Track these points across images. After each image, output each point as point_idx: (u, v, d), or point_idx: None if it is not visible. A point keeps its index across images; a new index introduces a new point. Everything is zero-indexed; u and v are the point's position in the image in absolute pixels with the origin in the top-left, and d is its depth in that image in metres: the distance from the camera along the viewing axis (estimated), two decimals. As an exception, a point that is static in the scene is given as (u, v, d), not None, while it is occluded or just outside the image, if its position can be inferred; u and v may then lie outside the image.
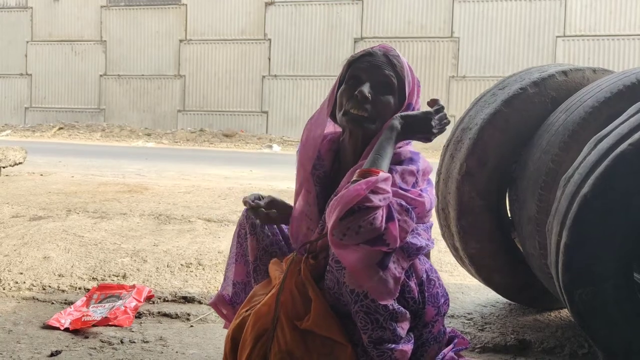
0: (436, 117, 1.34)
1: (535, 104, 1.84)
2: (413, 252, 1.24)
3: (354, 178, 1.20)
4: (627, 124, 1.40)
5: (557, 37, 13.56)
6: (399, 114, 1.32)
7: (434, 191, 1.34)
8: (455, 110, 13.90)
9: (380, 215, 1.14)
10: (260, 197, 1.48)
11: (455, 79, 14.25)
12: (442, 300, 1.35)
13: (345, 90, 1.35)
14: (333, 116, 1.43)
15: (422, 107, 1.42)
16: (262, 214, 1.43)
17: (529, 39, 13.69)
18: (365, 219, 1.13)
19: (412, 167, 1.28)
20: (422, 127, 1.32)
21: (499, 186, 1.91)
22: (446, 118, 1.36)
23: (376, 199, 1.15)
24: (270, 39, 15.41)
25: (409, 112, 1.33)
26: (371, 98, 1.31)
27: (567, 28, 13.49)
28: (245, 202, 1.45)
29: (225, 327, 1.60)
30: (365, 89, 1.31)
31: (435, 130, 1.33)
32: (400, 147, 1.34)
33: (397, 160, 1.30)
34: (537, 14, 13.61)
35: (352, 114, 1.32)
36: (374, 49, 1.37)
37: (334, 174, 1.43)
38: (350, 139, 1.39)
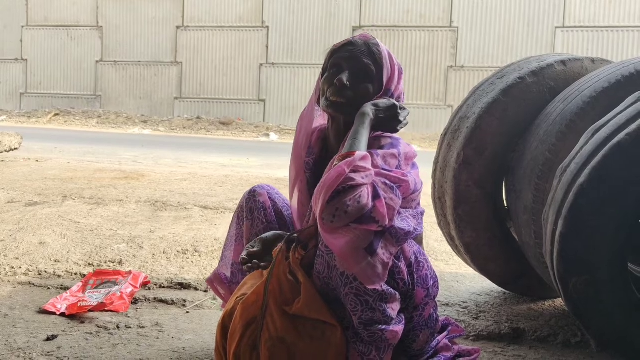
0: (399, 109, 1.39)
1: (534, 93, 1.84)
2: (401, 237, 1.25)
3: (334, 163, 1.24)
4: (624, 114, 1.40)
5: (557, 27, 13.52)
6: (370, 102, 1.37)
7: (419, 174, 1.36)
8: (453, 100, 13.89)
9: (366, 193, 1.18)
10: (252, 248, 1.38)
11: (453, 68, 14.21)
12: (431, 282, 1.36)
13: (327, 79, 1.41)
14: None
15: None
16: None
17: (528, 29, 13.64)
18: (352, 197, 1.16)
19: (394, 151, 1.32)
20: (390, 115, 1.37)
21: (496, 175, 1.91)
22: (407, 115, 1.42)
23: (358, 177, 1.19)
24: (268, 27, 15.31)
25: (378, 100, 1.38)
26: (350, 85, 1.37)
27: (567, 18, 13.45)
28: (250, 269, 1.37)
29: (223, 306, 1.62)
30: (344, 76, 1.37)
31: (402, 119, 1.39)
32: (379, 134, 1.38)
33: (378, 145, 1.34)
34: (536, 4, 13.55)
35: (331, 100, 1.39)
36: (355, 39, 1.43)
37: (322, 161, 1.48)
38: (333, 125, 1.45)
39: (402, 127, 1.40)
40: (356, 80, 1.38)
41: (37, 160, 5.51)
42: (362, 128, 1.31)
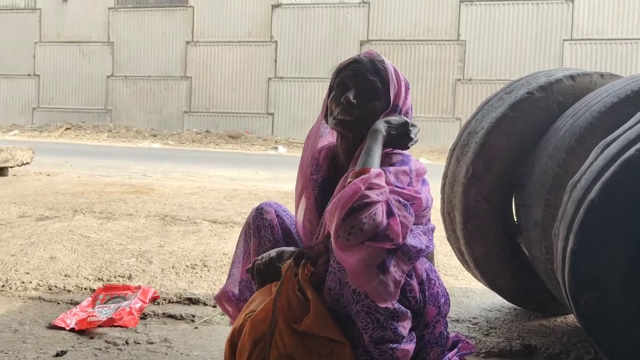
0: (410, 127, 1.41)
1: (542, 108, 1.83)
2: (414, 255, 1.24)
3: (348, 180, 1.24)
4: (634, 129, 1.39)
5: (564, 40, 13.52)
6: (382, 119, 1.38)
7: (430, 190, 1.36)
8: (461, 114, 13.89)
9: (381, 211, 1.18)
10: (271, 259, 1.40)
11: (461, 82, 14.23)
12: (443, 300, 1.35)
13: (334, 97, 1.42)
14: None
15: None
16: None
17: (536, 42, 13.66)
18: (367, 214, 1.16)
19: (405, 168, 1.32)
20: (402, 132, 1.38)
21: (505, 190, 1.90)
22: (418, 132, 1.43)
23: (373, 195, 1.18)
24: (276, 41, 15.46)
25: (391, 117, 1.39)
26: (357, 103, 1.38)
27: (575, 31, 13.45)
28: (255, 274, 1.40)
29: (231, 323, 1.62)
30: (351, 95, 1.38)
31: (412, 136, 1.39)
32: (389, 151, 1.38)
33: (389, 162, 1.34)
34: (544, 17, 13.58)
35: (339, 118, 1.39)
36: (360, 57, 1.44)
37: (330, 179, 1.48)
38: (342, 143, 1.46)
39: (412, 144, 1.41)
40: (363, 98, 1.39)
41: (49, 175, 5.57)
42: (375, 145, 1.31)
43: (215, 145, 13.55)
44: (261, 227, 1.52)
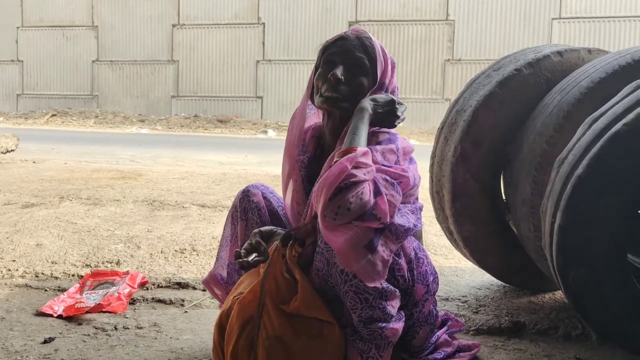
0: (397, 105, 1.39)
1: (530, 85, 1.82)
2: (401, 234, 1.23)
3: (335, 159, 1.22)
4: (621, 104, 1.39)
5: (553, 19, 13.48)
6: (368, 97, 1.36)
7: (417, 169, 1.35)
8: (451, 94, 13.86)
9: (368, 190, 1.16)
10: (252, 247, 1.33)
11: (450, 62, 14.18)
12: (431, 279, 1.35)
13: (320, 75, 1.39)
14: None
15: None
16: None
17: (524, 21, 13.61)
18: (354, 194, 1.15)
19: (392, 146, 1.31)
20: (389, 110, 1.36)
21: (493, 168, 1.89)
22: (405, 110, 1.41)
23: (360, 173, 1.17)
24: (264, 23, 15.26)
25: (377, 95, 1.37)
26: (344, 80, 1.36)
27: (563, 10, 13.41)
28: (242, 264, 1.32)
29: (220, 307, 1.61)
30: (338, 71, 1.35)
31: (399, 114, 1.37)
32: (376, 130, 1.36)
33: (376, 141, 1.32)
34: (533, -5, 13.51)
35: (326, 95, 1.37)
36: (347, 33, 1.42)
37: (317, 159, 1.47)
38: (328, 122, 1.43)
39: (399, 123, 1.39)
40: (350, 75, 1.37)
41: (34, 162, 5.50)
42: (362, 123, 1.29)
43: (204, 129, 13.44)
44: (248, 209, 1.51)
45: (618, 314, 1.44)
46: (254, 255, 1.28)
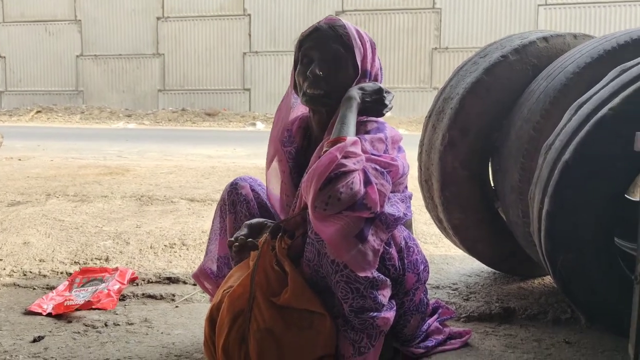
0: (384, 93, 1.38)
1: (517, 71, 1.82)
2: (391, 223, 1.23)
3: (324, 149, 1.22)
4: (607, 89, 1.39)
5: (539, 5, 13.52)
6: (355, 86, 1.35)
7: (406, 157, 1.35)
8: (438, 83, 13.86)
9: (358, 179, 1.16)
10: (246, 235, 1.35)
11: (438, 50, 14.18)
12: (422, 267, 1.35)
13: (300, 72, 1.38)
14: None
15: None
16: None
17: (510, 8, 13.63)
18: (344, 184, 1.14)
19: (380, 135, 1.30)
20: (377, 99, 1.35)
21: (481, 156, 1.90)
22: (392, 99, 1.40)
23: (350, 163, 1.16)
24: (249, 15, 15.13)
25: (364, 84, 1.36)
26: (323, 75, 1.34)
27: (549, -4, 13.45)
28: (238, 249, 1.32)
29: (211, 301, 1.60)
30: (316, 68, 1.34)
31: (387, 102, 1.36)
32: (364, 119, 1.35)
33: (364, 130, 1.32)
34: (519, -18, 13.52)
35: (309, 94, 1.36)
36: (320, 24, 1.39)
37: (304, 150, 1.46)
38: (315, 115, 1.43)
39: (387, 111, 1.38)
40: (328, 69, 1.35)
41: (20, 159, 5.43)
42: (350, 112, 1.28)
43: (192, 123, 13.35)
44: (236, 202, 1.50)
45: (606, 298, 1.45)
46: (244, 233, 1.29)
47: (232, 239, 1.30)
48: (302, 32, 1.42)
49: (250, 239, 1.29)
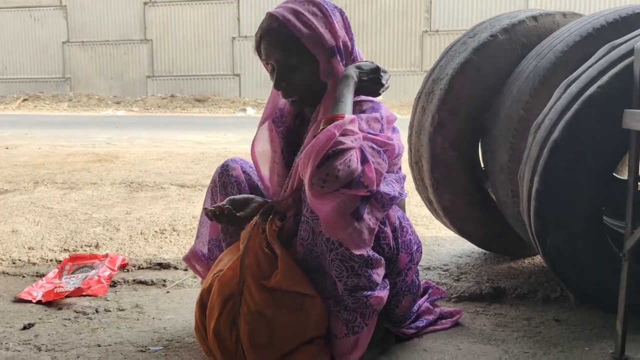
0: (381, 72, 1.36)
1: (506, 51, 1.81)
2: (387, 203, 1.23)
3: (321, 127, 1.20)
4: (596, 67, 1.38)
5: (529, -14, 13.45)
6: (352, 64, 1.33)
7: (400, 138, 1.34)
8: (429, 65, 13.78)
9: (356, 157, 1.15)
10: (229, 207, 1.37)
11: (428, 33, 14.10)
12: (415, 248, 1.35)
13: (272, 81, 1.38)
14: None
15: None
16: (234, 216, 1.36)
17: (501, -10, 13.55)
18: (342, 161, 1.13)
19: (376, 114, 1.29)
20: (373, 78, 1.33)
21: (471, 136, 1.89)
22: (389, 78, 1.39)
23: (348, 141, 1.15)
24: (238, -2, 14.94)
25: (361, 63, 1.35)
26: (287, 83, 1.34)
27: (539, -24, 13.38)
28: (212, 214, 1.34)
29: (202, 283, 1.60)
30: (280, 80, 1.34)
31: (384, 82, 1.35)
32: (359, 99, 1.34)
33: (360, 110, 1.30)
34: (509, -37, 13.43)
35: (286, 99, 1.38)
36: (269, 25, 1.34)
37: (296, 129, 1.45)
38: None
39: (383, 91, 1.36)
40: (290, 72, 1.33)
41: (7, 147, 5.36)
42: (347, 91, 1.27)
43: (182, 109, 13.22)
44: (227, 183, 1.48)
45: (595, 276, 1.46)
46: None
47: (209, 207, 1.31)
48: (255, 35, 1.38)
49: (227, 206, 1.29)
